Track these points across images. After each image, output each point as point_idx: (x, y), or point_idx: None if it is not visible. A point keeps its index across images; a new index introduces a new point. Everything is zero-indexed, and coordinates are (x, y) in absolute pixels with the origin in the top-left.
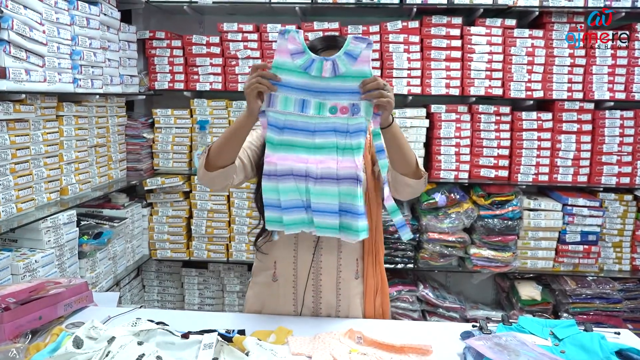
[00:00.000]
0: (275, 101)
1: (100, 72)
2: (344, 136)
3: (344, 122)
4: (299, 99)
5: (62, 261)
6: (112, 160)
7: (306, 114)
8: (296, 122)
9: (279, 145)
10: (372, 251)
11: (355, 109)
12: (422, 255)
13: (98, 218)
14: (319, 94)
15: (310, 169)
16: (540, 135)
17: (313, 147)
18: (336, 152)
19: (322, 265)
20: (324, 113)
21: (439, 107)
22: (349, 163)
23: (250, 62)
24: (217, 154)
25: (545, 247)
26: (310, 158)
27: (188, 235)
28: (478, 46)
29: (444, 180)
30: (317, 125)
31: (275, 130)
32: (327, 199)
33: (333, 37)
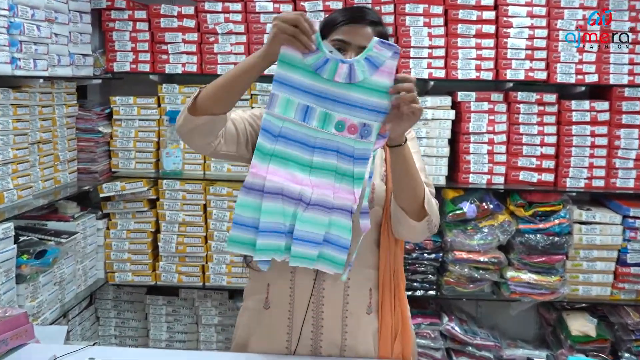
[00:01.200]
0: (274, 101)
1: (45, 50)
2: (347, 161)
3: (350, 144)
4: (303, 105)
5: None
6: (59, 160)
7: (308, 124)
8: (295, 132)
9: (269, 155)
10: (389, 281)
11: (366, 131)
12: (446, 280)
13: (41, 232)
14: (327, 101)
15: (305, 193)
16: (594, 129)
17: (309, 165)
18: (334, 178)
19: (324, 293)
20: (328, 128)
21: (467, 94)
22: (346, 194)
23: (232, 38)
24: (209, 96)
25: (601, 270)
26: (305, 179)
27: (154, 255)
28: (516, 19)
29: (474, 186)
30: (318, 142)
31: (268, 138)
32: (314, 227)
33: (360, 9)
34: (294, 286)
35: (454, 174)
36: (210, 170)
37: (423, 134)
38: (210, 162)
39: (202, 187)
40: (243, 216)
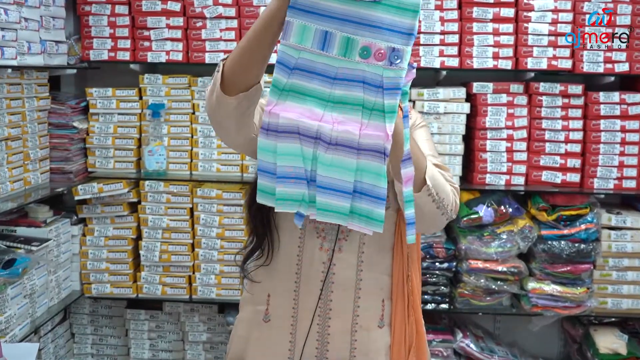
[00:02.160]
0: (289, 30)
1: (13, 36)
2: (375, 92)
3: (378, 73)
4: (321, 30)
5: None
6: (29, 159)
7: (328, 53)
8: (313, 62)
9: (285, 91)
10: (403, 290)
11: (395, 57)
12: (460, 292)
13: (10, 239)
14: (349, 24)
15: (324, 130)
16: (624, 124)
17: (330, 100)
18: (361, 113)
19: (332, 305)
20: (352, 55)
21: (483, 85)
22: (376, 130)
23: (222, 23)
24: (237, 64)
25: (633, 281)
26: (325, 115)
27: (135, 264)
28: (538, 1)
29: (492, 188)
30: (340, 71)
31: (284, 71)
32: (339, 173)
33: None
34: (297, 297)
35: (469, 174)
36: (197, 170)
37: (435, 129)
38: (197, 161)
39: (189, 188)
40: (265, 161)
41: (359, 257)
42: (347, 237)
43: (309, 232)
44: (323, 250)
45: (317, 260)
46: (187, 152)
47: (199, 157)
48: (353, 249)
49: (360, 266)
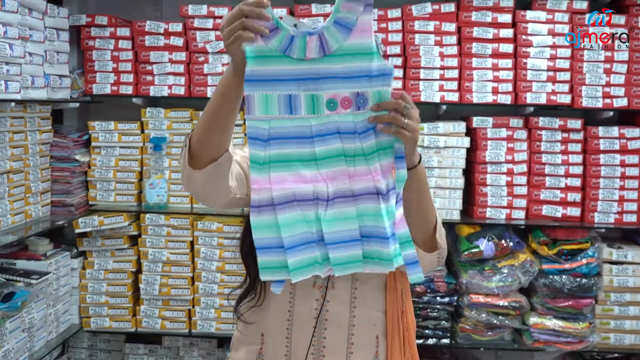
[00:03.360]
0: (252, 104)
1: (18, 70)
2: (351, 139)
3: (349, 120)
4: (284, 96)
5: None
6: (31, 192)
7: (297, 115)
8: (285, 128)
9: (267, 163)
10: (398, 326)
11: (361, 100)
12: (461, 327)
13: (9, 273)
14: (309, 82)
15: (320, 190)
16: (624, 159)
17: (313, 159)
18: (345, 162)
19: (325, 342)
20: (320, 111)
21: (483, 120)
22: (363, 174)
23: (224, 58)
24: (200, 140)
25: (635, 316)
26: (314, 175)
27: (135, 298)
28: (536, 37)
29: (492, 222)
30: (315, 129)
31: (259, 145)
32: (344, 224)
33: None
34: (291, 335)
35: (469, 208)
36: (198, 204)
37: (435, 163)
38: None
39: (189, 222)
40: (264, 238)
41: (352, 294)
42: None
43: None
44: (316, 287)
45: (310, 297)
46: None
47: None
48: (346, 286)
49: (354, 302)
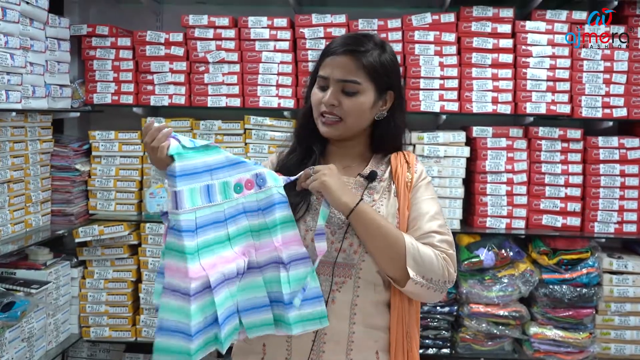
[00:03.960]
0: (181, 199)
1: (19, 80)
2: (255, 216)
3: (252, 199)
4: (204, 186)
5: None
6: (31, 202)
7: (214, 202)
8: (207, 215)
9: (196, 252)
10: (402, 345)
11: (261, 180)
12: (462, 337)
13: (9, 282)
14: (220, 170)
15: (240, 265)
16: (623, 169)
17: (228, 238)
18: (252, 237)
19: (324, 357)
20: (230, 195)
21: (483, 129)
22: (268, 246)
23: (224, 67)
24: None
25: (636, 326)
26: (232, 254)
27: (134, 307)
28: (536, 47)
29: (492, 231)
30: (227, 212)
31: (190, 236)
32: (253, 292)
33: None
34: (290, 348)
35: (470, 218)
36: None
37: (435, 172)
38: None
39: None
40: (194, 323)
41: (351, 310)
42: (341, 288)
43: None
44: None
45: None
46: None
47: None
48: (346, 301)
49: (353, 319)
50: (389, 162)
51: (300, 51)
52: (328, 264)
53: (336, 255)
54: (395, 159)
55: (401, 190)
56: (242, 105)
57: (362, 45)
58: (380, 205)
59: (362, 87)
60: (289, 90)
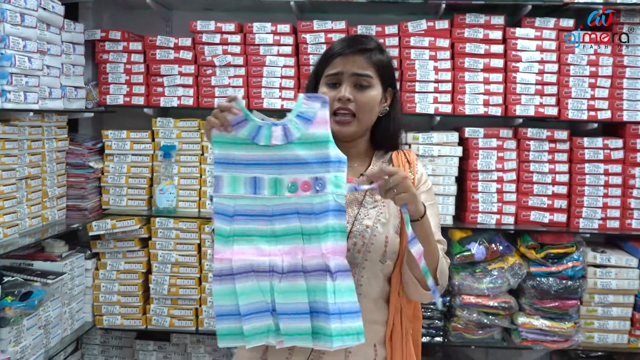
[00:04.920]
0: (220, 183)
1: (36, 82)
2: (309, 219)
3: (308, 202)
4: (250, 177)
5: None
6: (47, 197)
7: (260, 195)
8: (249, 206)
9: (231, 237)
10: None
11: (320, 184)
12: (454, 326)
13: (27, 273)
14: (273, 167)
15: (275, 263)
16: (607, 168)
17: (273, 235)
18: (302, 240)
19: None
20: (281, 192)
21: (475, 130)
22: (315, 251)
23: (230, 71)
24: None
25: (618, 316)
26: (272, 249)
27: (145, 297)
28: (525, 53)
29: (483, 227)
30: (276, 208)
31: (224, 219)
32: (295, 297)
33: (352, 38)
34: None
35: (462, 214)
36: (205, 208)
37: (429, 171)
38: (205, 200)
39: (197, 225)
40: (223, 306)
41: None
42: None
43: None
44: None
45: None
46: (196, 190)
47: (207, 196)
48: None
49: None
50: (391, 161)
51: (302, 55)
52: None
53: None
54: (396, 158)
55: None
56: (248, 107)
57: (367, 44)
58: (382, 205)
59: (374, 81)
60: (291, 93)
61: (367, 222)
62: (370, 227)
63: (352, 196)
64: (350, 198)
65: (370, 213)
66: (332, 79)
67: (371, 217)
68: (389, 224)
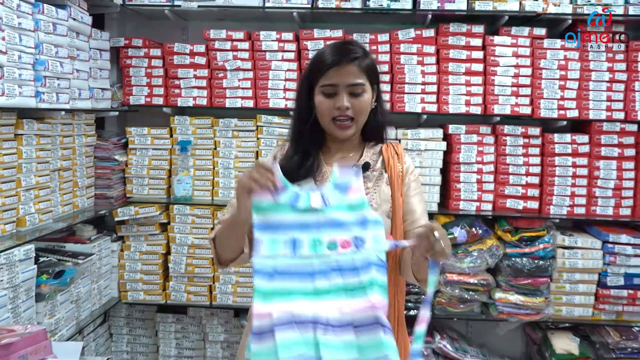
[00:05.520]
0: (259, 245)
1: (67, 84)
2: (352, 274)
3: (349, 258)
4: (289, 239)
5: (16, 304)
6: (77, 187)
7: (300, 254)
8: (289, 264)
9: (270, 294)
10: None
11: (359, 241)
12: (438, 301)
13: (60, 254)
14: (312, 228)
15: (319, 314)
16: (575, 160)
17: (315, 292)
18: (345, 294)
19: None
20: (321, 250)
21: (457, 127)
22: (362, 304)
23: (240, 74)
24: (221, 248)
25: (583, 292)
26: (315, 305)
27: (164, 275)
28: (503, 58)
29: (464, 213)
30: (317, 266)
31: (263, 277)
32: (345, 352)
33: (342, 48)
34: None
35: (446, 201)
36: (218, 197)
37: (417, 163)
38: (218, 189)
39: (211, 211)
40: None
41: None
42: None
43: None
44: None
45: None
46: (210, 181)
47: (219, 185)
48: None
49: None
50: (381, 153)
51: (304, 60)
52: None
53: None
54: (386, 150)
55: (394, 180)
56: (255, 106)
57: (356, 52)
58: (374, 193)
59: (366, 87)
60: (294, 94)
61: None
62: None
63: None
64: None
65: None
66: (328, 89)
67: None
68: (380, 209)
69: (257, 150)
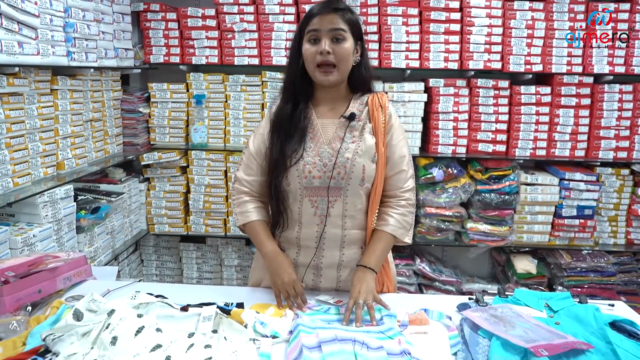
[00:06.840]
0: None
1: (94, 45)
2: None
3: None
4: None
5: (60, 235)
6: (108, 135)
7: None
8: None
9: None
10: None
11: (380, 322)
12: (419, 230)
13: (95, 193)
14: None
15: (356, 337)
16: (538, 109)
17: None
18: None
19: (324, 253)
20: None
21: (437, 81)
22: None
23: (246, 35)
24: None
25: (542, 222)
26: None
27: (186, 210)
28: (477, 19)
29: (442, 155)
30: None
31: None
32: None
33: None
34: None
35: (426, 146)
36: (229, 143)
37: (401, 113)
38: (229, 136)
39: (224, 156)
40: None
41: (342, 219)
42: (334, 205)
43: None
44: (317, 216)
45: (312, 223)
46: (222, 129)
47: (231, 133)
48: (338, 213)
49: (344, 225)
50: (367, 104)
51: None
52: (323, 188)
53: (329, 181)
54: (372, 102)
55: (378, 130)
56: (260, 63)
57: (340, 5)
58: (359, 141)
59: (347, 34)
60: None
61: (348, 155)
62: (350, 159)
63: (335, 133)
64: (333, 135)
65: (350, 147)
66: (312, 35)
67: (351, 150)
68: (365, 155)
69: (263, 103)
